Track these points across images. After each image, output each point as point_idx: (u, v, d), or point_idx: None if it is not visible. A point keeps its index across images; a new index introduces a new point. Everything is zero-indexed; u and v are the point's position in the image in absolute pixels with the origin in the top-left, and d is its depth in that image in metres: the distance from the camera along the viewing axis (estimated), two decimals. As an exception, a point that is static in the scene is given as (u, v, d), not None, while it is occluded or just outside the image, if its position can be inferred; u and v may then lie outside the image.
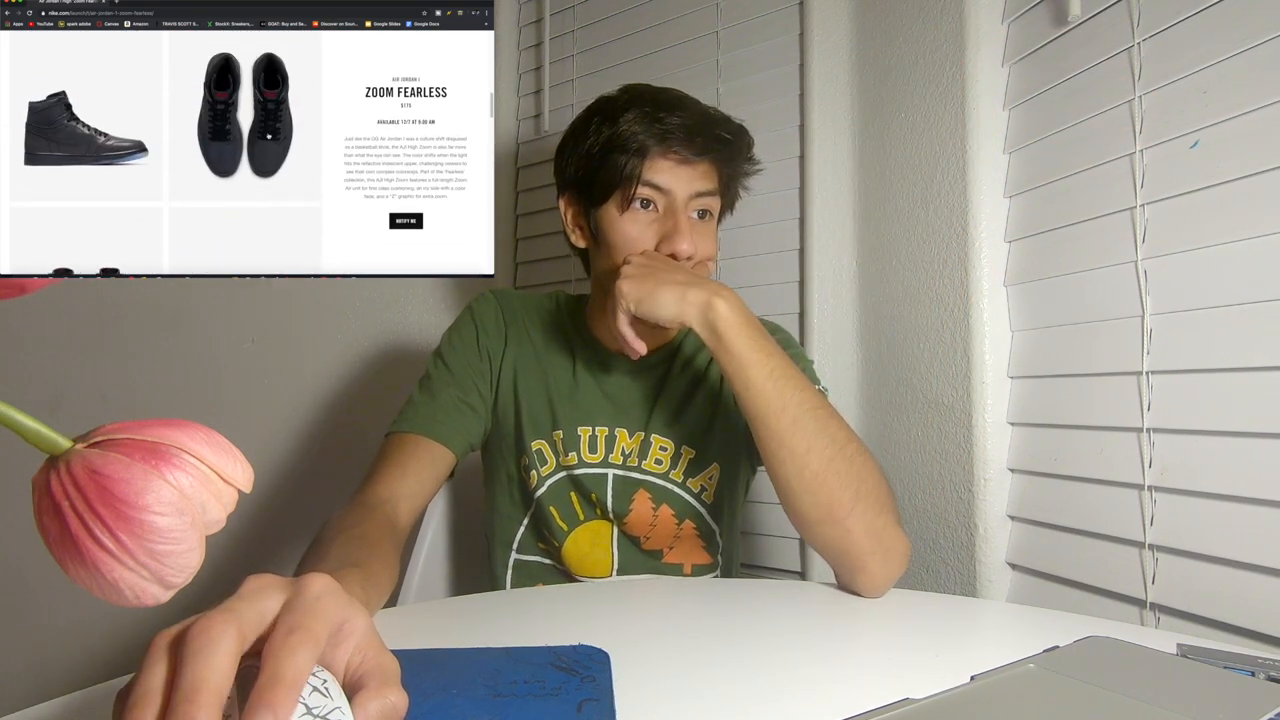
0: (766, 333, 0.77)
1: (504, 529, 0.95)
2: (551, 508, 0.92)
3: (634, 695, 0.49)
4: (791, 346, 0.96)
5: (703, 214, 0.87)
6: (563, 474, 0.92)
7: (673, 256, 0.83)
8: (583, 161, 0.88)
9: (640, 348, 0.81)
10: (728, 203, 0.93)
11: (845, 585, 0.75)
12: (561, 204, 0.94)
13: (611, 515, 0.92)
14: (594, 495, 0.91)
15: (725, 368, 0.75)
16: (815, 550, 0.76)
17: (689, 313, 0.76)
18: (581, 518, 0.93)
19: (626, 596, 0.77)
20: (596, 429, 0.93)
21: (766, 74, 1.22)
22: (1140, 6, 0.78)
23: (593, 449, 0.92)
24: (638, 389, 0.94)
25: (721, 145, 0.86)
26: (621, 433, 0.93)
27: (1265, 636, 0.65)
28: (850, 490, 0.71)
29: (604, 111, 0.88)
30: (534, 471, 0.91)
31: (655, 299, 0.77)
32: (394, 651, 0.38)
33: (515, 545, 0.94)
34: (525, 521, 0.94)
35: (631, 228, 0.85)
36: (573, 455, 0.92)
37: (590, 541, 0.92)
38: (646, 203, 0.85)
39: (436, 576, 1.06)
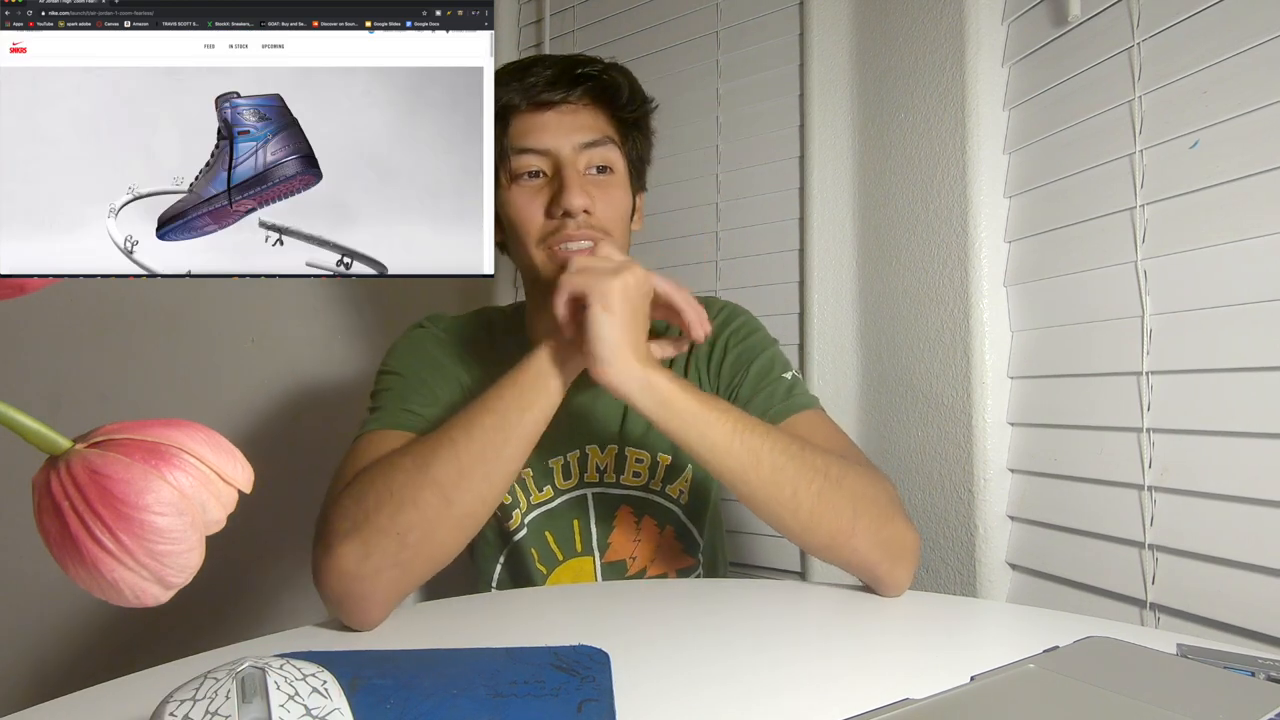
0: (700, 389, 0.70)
1: (482, 567, 0.91)
2: (532, 550, 0.87)
3: (634, 695, 0.49)
4: (755, 330, 0.89)
5: (602, 169, 0.79)
6: (536, 513, 0.87)
7: (566, 215, 0.75)
8: None
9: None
10: (635, 157, 0.85)
11: (866, 586, 0.74)
12: None
13: (594, 548, 0.87)
14: (576, 522, 0.87)
15: (682, 436, 0.67)
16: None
17: (629, 389, 0.66)
18: (561, 558, 0.88)
19: (626, 596, 0.77)
20: (568, 456, 0.87)
21: (766, 74, 1.22)
22: (1140, 6, 0.78)
23: (566, 475, 0.87)
24: (604, 402, 0.87)
25: (589, 81, 0.79)
26: (593, 449, 0.87)
27: (1265, 636, 0.66)
28: (847, 514, 0.68)
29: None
30: (516, 511, 0.86)
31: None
32: (394, 652, 0.38)
33: (494, 582, 0.91)
34: (501, 560, 0.90)
35: (519, 197, 0.78)
36: (547, 489, 0.87)
37: (573, 580, 0.88)
38: (536, 173, 0.78)
39: (435, 580, 1.05)
